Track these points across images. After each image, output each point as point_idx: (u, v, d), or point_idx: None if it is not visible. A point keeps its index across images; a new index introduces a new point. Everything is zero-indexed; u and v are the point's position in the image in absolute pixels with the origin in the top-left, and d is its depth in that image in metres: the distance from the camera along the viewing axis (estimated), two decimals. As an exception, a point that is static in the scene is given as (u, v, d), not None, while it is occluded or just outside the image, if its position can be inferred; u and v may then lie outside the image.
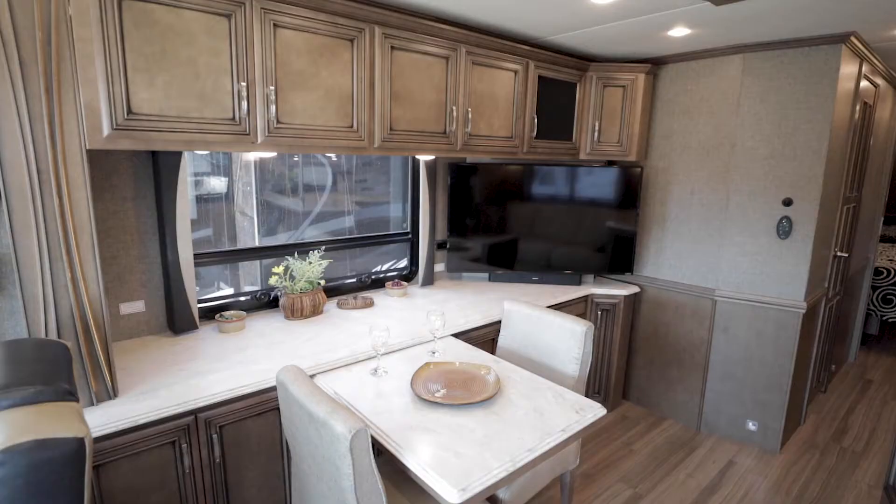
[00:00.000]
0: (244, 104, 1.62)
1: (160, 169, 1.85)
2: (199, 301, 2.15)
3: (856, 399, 3.39)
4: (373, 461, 1.23)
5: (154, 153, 1.86)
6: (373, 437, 1.41)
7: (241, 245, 2.40)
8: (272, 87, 1.68)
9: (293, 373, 1.43)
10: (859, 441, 2.87)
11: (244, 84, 1.62)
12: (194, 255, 2.11)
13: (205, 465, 1.57)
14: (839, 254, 2.94)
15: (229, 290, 2.39)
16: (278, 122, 1.72)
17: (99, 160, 1.77)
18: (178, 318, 1.99)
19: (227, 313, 2.12)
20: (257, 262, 2.46)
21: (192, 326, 2.03)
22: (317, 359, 1.81)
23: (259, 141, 1.69)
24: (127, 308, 1.93)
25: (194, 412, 1.52)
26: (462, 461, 1.29)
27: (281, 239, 2.55)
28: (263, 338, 2.00)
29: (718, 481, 2.46)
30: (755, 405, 2.74)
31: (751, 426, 2.76)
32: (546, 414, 1.53)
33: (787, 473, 2.53)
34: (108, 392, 1.48)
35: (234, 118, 1.62)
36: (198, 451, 1.55)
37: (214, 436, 1.57)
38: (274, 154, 2.50)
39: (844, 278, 3.27)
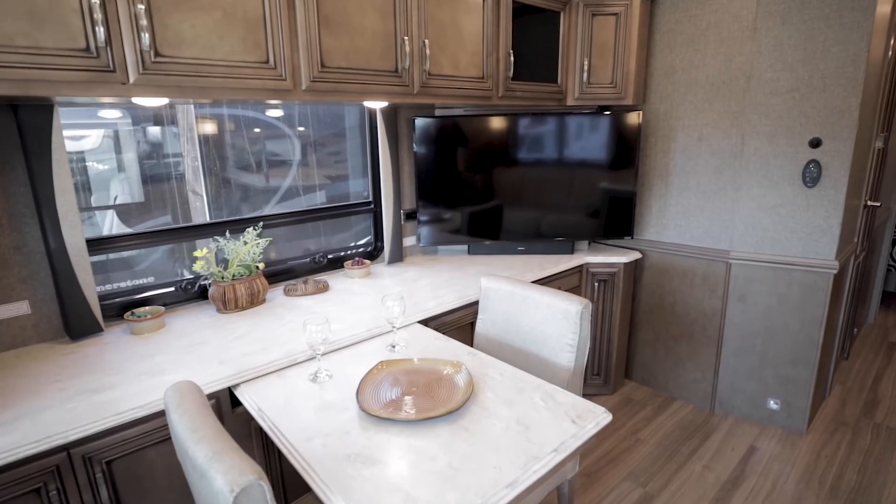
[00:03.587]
0: (100, 29, 1.18)
1: (24, 130, 1.42)
2: (107, 297, 1.76)
3: (882, 365, 3.06)
4: (278, 524, 0.85)
5: (15, 108, 1.42)
6: (297, 475, 1.04)
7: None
8: (142, 6, 1.23)
9: (181, 393, 1.04)
10: (893, 415, 2.54)
11: (97, -1, 1.17)
12: (99, 239, 1.72)
13: (90, 512, 1.20)
14: (870, 203, 2.56)
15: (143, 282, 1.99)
16: (157, 54, 1.28)
17: (-70, 120, 1.34)
18: (73, 320, 1.59)
19: (140, 310, 1.72)
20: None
21: (94, 329, 1.63)
22: (242, 363, 1.42)
23: (132, 81, 1.25)
24: (5, 311, 1.53)
25: (66, 447, 1.15)
26: (414, 508, 0.91)
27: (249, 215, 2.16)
28: (183, 338, 1.61)
29: (740, 472, 2.12)
30: (777, 381, 2.39)
31: (772, 405, 2.43)
32: (533, 427, 1.15)
33: (817, 459, 2.20)
34: (-57, 428, 1.10)
35: (87, 48, 1.18)
36: (77, 497, 1.18)
37: (99, 475, 1.20)
38: (235, 127, 2.07)
39: (871, 231, 2.90)
